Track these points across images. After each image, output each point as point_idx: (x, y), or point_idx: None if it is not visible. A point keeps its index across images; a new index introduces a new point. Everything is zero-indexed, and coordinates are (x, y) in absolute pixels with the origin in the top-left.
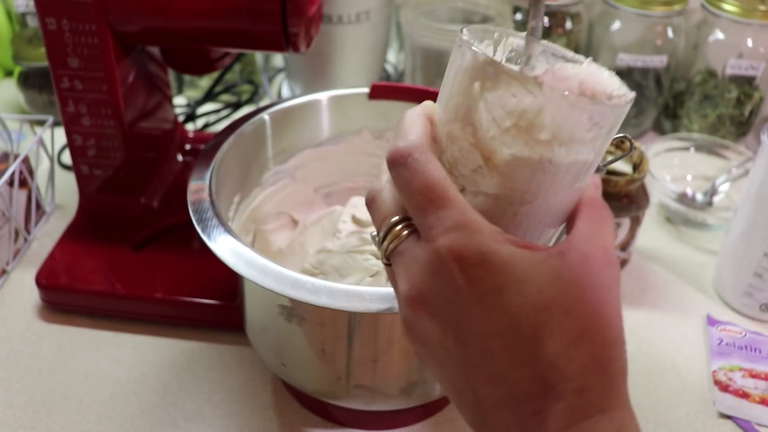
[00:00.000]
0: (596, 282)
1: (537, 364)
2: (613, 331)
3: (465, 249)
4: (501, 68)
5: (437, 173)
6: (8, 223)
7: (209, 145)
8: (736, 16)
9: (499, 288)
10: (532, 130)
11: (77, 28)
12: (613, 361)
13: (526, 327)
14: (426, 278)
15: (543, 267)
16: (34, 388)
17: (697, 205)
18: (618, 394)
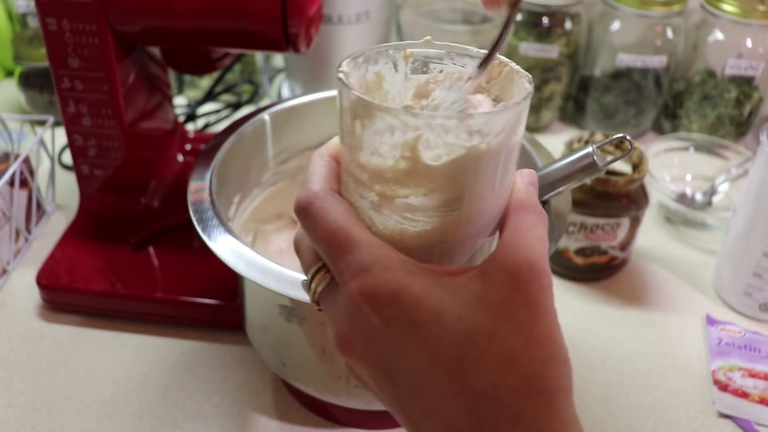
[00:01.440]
0: (520, 300)
1: (466, 395)
2: (544, 349)
3: (374, 290)
4: (372, 105)
5: (337, 217)
6: (9, 223)
7: (209, 145)
8: (735, 17)
9: (414, 324)
10: (418, 156)
11: (78, 28)
12: (549, 381)
13: (448, 360)
14: (347, 322)
15: (462, 293)
16: (35, 387)
17: (696, 205)
18: (556, 414)
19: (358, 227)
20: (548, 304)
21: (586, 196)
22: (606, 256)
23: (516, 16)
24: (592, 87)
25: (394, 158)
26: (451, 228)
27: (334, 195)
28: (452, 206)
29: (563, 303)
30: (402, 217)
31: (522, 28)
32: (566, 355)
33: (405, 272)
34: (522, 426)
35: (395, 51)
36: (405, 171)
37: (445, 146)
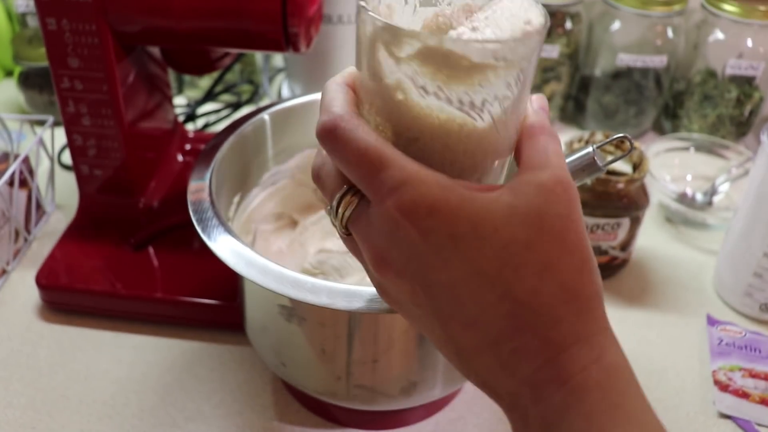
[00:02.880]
0: (552, 211)
1: (506, 303)
2: (577, 256)
3: (412, 204)
4: (397, 31)
5: (367, 137)
6: (8, 223)
7: (209, 145)
8: (735, 17)
9: (454, 236)
10: (438, 74)
11: (77, 28)
12: (584, 287)
13: (488, 269)
14: (384, 240)
15: (496, 206)
16: (35, 387)
17: (696, 205)
18: (593, 319)
19: (388, 146)
20: (578, 215)
21: (587, 196)
22: (606, 256)
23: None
24: (593, 87)
25: (419, 82)
26: (474, 145)
27: (359, 117)
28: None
29: None
30: None
31: None
32: (596, 263)
33: (441, 187)
34: (561, 330)
35: None
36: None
37: (471, 68)
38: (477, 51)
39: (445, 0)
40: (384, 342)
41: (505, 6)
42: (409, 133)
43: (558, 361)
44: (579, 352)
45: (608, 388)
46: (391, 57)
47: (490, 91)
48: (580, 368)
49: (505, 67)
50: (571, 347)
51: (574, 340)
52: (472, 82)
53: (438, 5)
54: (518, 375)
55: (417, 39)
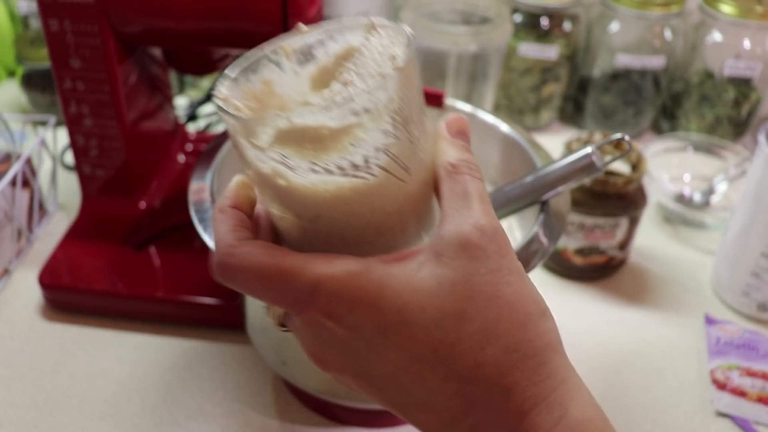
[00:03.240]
0: (480, 269)
1: (452, 383)
2: (518, 310)
3: (329, 306)
4: (247, 123)
5: (259, 259)
6: (11, 223)
7: (210, 146)
8: (733, 18)
9: (380, 327)
10: (304, 151)
11: (79, 29)
12: (531, 342)
13: (424, 353)
14: (316, 343)
15: (418, 281)
16: (37, 386)
17: (694, 205)
18: (548, 374)
19: (284, 256)
20: (510, 264)
21: (585, 196)
22: (605, 256)
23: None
24: (591, 87)
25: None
26: (379, 202)
27: (243, 240)
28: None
29: (562, 303)
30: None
31: (521, 29)
32: (543, 308)
33: (353, 276)
34: (515, 399)
35: (272, 52)
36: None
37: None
38: (331, 118)
39: (323, 51)
40: None
41: (373, 46)
42: (308, 213)
43: (519, 430)
44: (538, 416)
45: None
46: (255, 148)
47: (366, 146)
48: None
49: (372, 119)
50: (530, 413)
51: (531, 405)
52: (342, 146)
53: (316, 61)
54: None
55: (267, 125)
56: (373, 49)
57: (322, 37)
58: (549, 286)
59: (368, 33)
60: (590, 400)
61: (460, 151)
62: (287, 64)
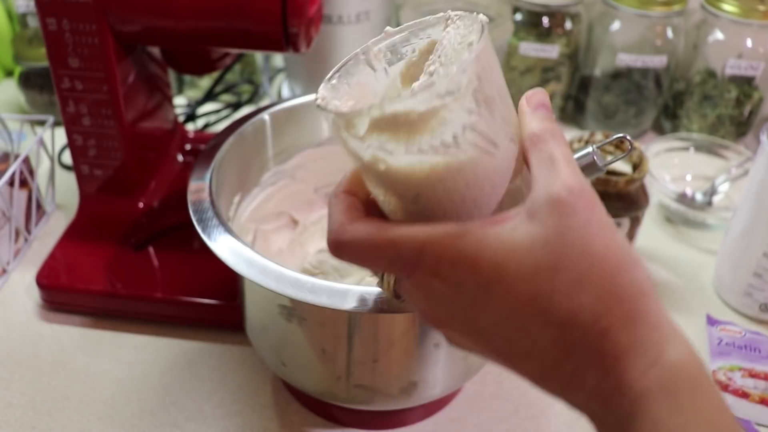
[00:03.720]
0: (571, 224)
1: (550, 330)
2: (609, 261)
3: (434, 266)
4: (345, 115)
5: (367, 231)
6: (9, 223)
7: (209, 145)
8: (735, 17)
9: (481, 283)
10: (398, 135)
11: (78, 28)
12: (623, 289)
13: (523, 304)
14: (426, 304)
15: (513, 238)
16: (35, 387)
17: (696, 205)
18: (642, 319)
19: (390, 227)
20: (599, 217)
21: None
22: None
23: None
24: (593, 87)
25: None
26: (472, 176)
27: (353, 218)
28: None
29: None
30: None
31: (522, 28)
32: (635, 257)
33: (453, 238)
34: (610, 341)
35: (364, 55)
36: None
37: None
38: (418, 102)
39: (409, 49)
40: (384, 342)
41: (451, 36)
42: (409, 193)
43: (616, 371)
44: (634, 358)
45: (671, 389)
46: (355, 138)
47: (453, 125)
48: (638, 374)
49: (455, 99)
50: (625, 355)
51: (626, 347)
52: (432, 127)
53: (403, 58)
54: (585, 390)
55: (363, 115)
56: (452, 38)
57: (406, 36)
58: None
59: (446, 25)
60: (685, 344)
61: (541, 120)
62: (378, 65)
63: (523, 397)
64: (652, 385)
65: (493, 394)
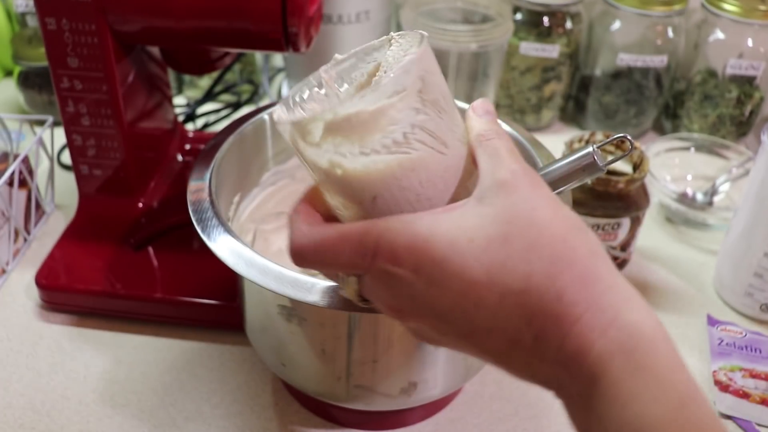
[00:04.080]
0: (517, 199)
1: (508, 299)
2: (556, 226)
3: (391, 253)
4: (299, 122)
5: (324, 232)
6: (8, 223)
7: (209, 145)
8: (736, 16)
9: (437, 261)
10: (352, 137)
11: (77, 27)
12: (575, 251)
13: (479, 277)
14: (388, 295)
15: (464, 218)
16: (34, 388)
17: (697, 205)
18: (596, 279)
19: (347, 226)
20: (543, 193)
21: (587, 196)
22: None
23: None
24: (593, 87)
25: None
26: (425, 174)
27: (311, 224)
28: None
29: None
30: None
31: (522, 28)
32: (579, 224)
33: (406, 224)
34: (566, 302)
35: (316, 81)
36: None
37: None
38: (368, 103)
39: (357, 74)
40: (384, 342)
41: (393, 53)
42: (367, 195)
43: (575, 332)
44: (592, 318)
45: (630, 349)
46: (311, 146)
47: (403, 124)
48: (597, 334)
49: (401, 98)
50: (583, 315)
51: (584, 308)
52: (382, 126)
53: (352, 82)
54: (548, 358)
55: (317, 120)
56: (395, 54)
57: (354, 62)
58: None
59: (389, 45)
60: (641, 304)
61: (486, 123)
62: (329, 90)
63: (523, 398)
64: (610, 346)
65: (493, 395)
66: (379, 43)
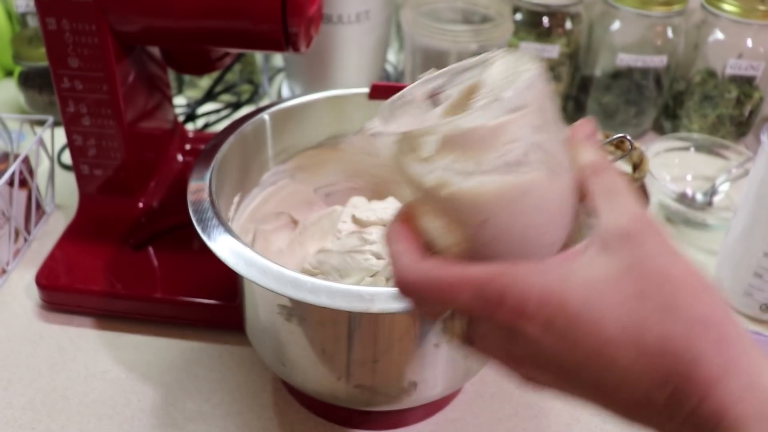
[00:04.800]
0: (648, 253)
1: (642, 359)
2: (690, 284)
3: (519, 307)
4: (412, 135)
5: (437, 274)
6: (8, 223)
7: (209, 145)
8: (735, 16)
9: (569, 318)
10: (468, 152)
11: (77, 28)
12: (711, 313)
13: (613, 335)
14: (508, 344)
15: (594, 271)
16: (34, 388)
17: (696, 205)
18: (732, 342)
19: (465, 266)
20: (670, 246)
21: None
22: None
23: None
24: (593, 87)
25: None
26: (538, 200)
27: (420, 257)
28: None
29: None
30: None
31: (522, 28)
32: (709, 282)
33: (535, 275)
34: (705, 366)
35: (406, 97)
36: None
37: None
38: (489, 117)
39: (450, 92)
40: (384, 342)
41: (499, 69)
42: (474, 219)
43: (712, 397)
44: (729, 383)
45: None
46: (419, 162)
47: (522, 142)
48: (735, 400)
49: (523, 115)
50: (720, 381)
51: (721, 372)
52: (501, 143)
53: (446, 99)
54: (678, 418)
55: (433, 133)
56: (500, 71)
57: (445, 80)
58: None
59: (489, 64)
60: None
61: (596, 151)
62: (421, 107)
63: (523, 398)
64: (748, 412)
65: (494, 395)
66: (472, 62)
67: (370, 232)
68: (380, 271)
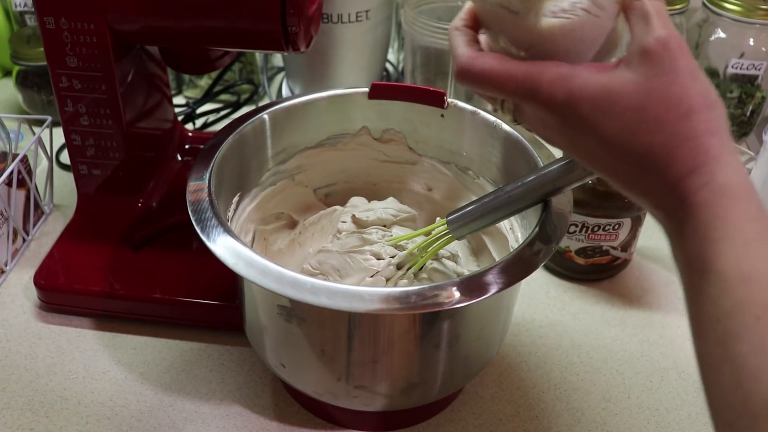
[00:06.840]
0: (656, 71)
1: (631, 157)
2: (684, 104)
3: (548, 100)
4: None
5: (491, 64)
6: (7, 223)
7: (208, 145)
8: (737, 16)
9: (581, 116)
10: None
11: (76, 27)
12: (692, 129)
13: (611, 136)
14: (540, 126)
15: (611, 83)
16: (33, 389)
17: None
18: (704, 152)
19: (512, 64)
20: (682, 64)
21: (588, 196)
22: (607, 257)
23: None
24: None
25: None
26: (579, 42)
27: (478, 51)
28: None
29: (564, 303)
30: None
31: None
32: (710, 101)
33: (565, 78)
34: (674, 168)
35: None
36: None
37: None
38: None
39: None
40: (384, 343)
41: None
42: (523, 44)
43: (676, 189)
44: (690, 180)
45: (713, 203)
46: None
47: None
48: (692, 191)
49: None
50: (685, 178)
51: (686, 172)
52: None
53: None
54: (653, 201)
55: None
56: None
57: None
58: (551, 287)
59: None
60: (738, 171)
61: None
62: None
63: (524, 399)
64: (700, 200)
65: (494, 396)
66: None
67: (370, 232)
68: (380, 271)
